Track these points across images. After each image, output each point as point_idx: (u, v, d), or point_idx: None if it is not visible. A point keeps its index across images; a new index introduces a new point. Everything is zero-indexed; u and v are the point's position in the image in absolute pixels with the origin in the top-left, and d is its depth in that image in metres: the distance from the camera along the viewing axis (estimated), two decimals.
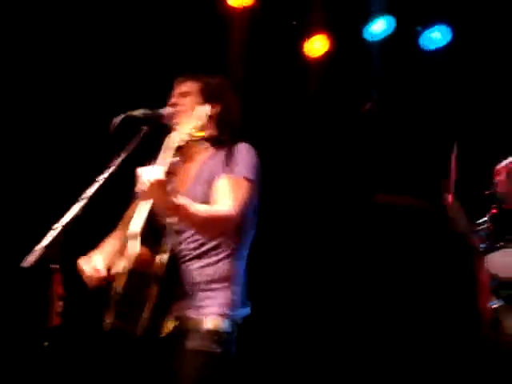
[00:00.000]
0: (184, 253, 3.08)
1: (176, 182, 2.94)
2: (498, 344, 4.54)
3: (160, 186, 2.77)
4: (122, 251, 3.03)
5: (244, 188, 3.07)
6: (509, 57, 6.09)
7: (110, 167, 2.98)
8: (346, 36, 6.42)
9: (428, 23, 6.26)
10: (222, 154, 3.18)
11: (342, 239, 6.46)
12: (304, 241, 6.53)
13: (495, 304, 4.77)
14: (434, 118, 6.30)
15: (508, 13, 5.97)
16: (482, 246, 4.98)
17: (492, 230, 5.00)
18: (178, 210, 2.87)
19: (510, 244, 4.85)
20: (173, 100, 3.34)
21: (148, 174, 2.78)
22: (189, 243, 3.11)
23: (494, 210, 5.08)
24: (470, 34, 6.22)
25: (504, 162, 5.15)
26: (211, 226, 3.02)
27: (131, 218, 3.03)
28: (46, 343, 2.65)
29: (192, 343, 2.95)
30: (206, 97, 3.29)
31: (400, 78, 6.41)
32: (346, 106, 6.48)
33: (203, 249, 3.10)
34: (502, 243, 4.94)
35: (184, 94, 3.33)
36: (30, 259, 2.61)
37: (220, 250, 3.11)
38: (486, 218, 5.10)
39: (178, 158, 2.88)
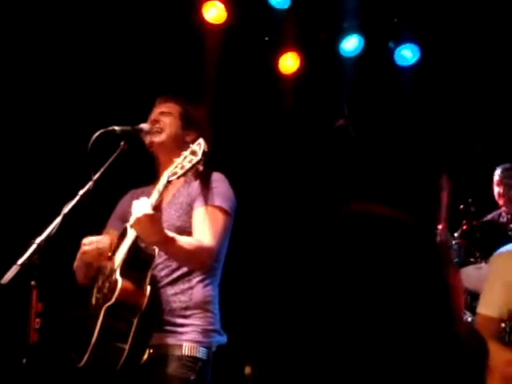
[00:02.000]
0: (157, 279, 3.09)
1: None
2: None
3: (148, 220, 2.79)
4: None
5: (221, 219, 3.13)
6: (477, 74, 6.20)
7: (87, 182, 3.00)
8: (318, 53, 6.48)
9: (399, 41, 6.33)
10: (196, 183, 3.21)
11: (314, 255, 6.46)
12: (277, 261, 6.54)
13: (468, 318, 4.83)
14: (405, 133, 6.37)
15: (475, 30, 6.06)
16: (455, 260, 5.05)
17: (464, 246, 5.07)
18: (166, 243, 2.92)
19: (481, 259, 4.92)
20: (153, 116, 3.37)
21: (137, 209, 2.81)
22: (161, 270, 3.12)
23: (465, 226, 5.15)
24: (437, 52, 6.31)
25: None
26: (193, 260, 3.07)
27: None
28: (24, 360, 2.64)
29: (167, 369, 2.97)
30: (185, 122, 3.36)
31: (371, 94, 6.48)
32: (318, 122, 6.52)
33: (175, 275, 3.12)
34: (472, 259, 5.01)
35: (165, 114, 3.38)
36: (7, 276, 2.61)
37: (192, 276, 3.14)
38: (457, 234, 5.16)
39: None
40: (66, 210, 2.88)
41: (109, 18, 5.69)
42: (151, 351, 2.99)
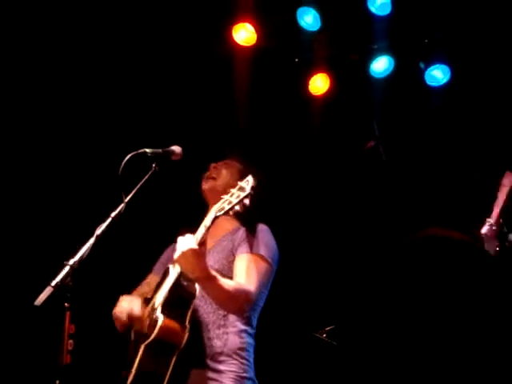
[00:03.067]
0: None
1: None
2: None
3: (192, 255, 2.83)
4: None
5: (262, 268, 3.18)
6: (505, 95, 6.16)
7: (119, 204, 3.02)
8: (348, 74, 6.48)
9: (429, 61, 6.32)
10: (242, 230, 3.29)
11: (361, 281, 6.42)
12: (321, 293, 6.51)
13: None
14: (437, 154, 6.35)
15: (506, 51, 6.03)
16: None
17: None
18: (208, 280, 2.95)
19: None
20: (214, 164, 3.48)
21: (182, 243, 2.86)
22: (201, 313, 3.15)
23: (497, 248, 5.08)
24: (468, 73, 6.29)
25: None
26: (231, 301, 3.08)
27: (148, 291, 3.18)
28: (58, 382, 2.65)
29: None
30: (242, 175, 3.31)
31: (401, 115, 6.47)
32: (349, 144, 6.52)
33: (212, 319, 3.16)
34: None
35: (224, 165, 3.50)
36: (41, 298, 2.63)
37: (228, 322, 3.17)
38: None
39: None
40: (98, 231, 2.90)
41: (141, 40, 5.75)
42: None
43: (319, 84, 6.54)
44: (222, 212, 2.82)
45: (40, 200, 5.46)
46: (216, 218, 2.85)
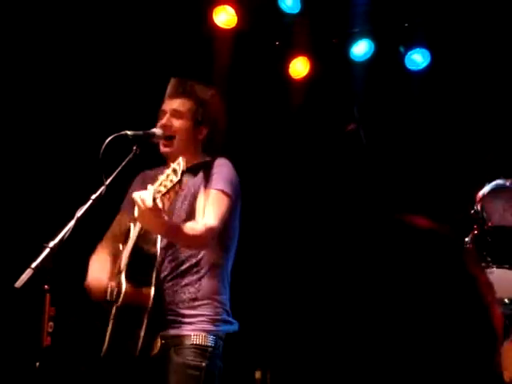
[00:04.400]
0: (166, 272, 3.19)
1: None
2: None
3: (150, 213, 2.85)
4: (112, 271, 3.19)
5: (222, 201, 3.19)
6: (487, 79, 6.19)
7: (100, 187, 3.01)
8: (329, 57, 6.48)
9: (409, 45, 6.33)
10: (200, 174, 3.31)
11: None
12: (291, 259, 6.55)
13: None
14: (416, 136, 6.38)
15: (486, 34, 6.05)
16: None
17: (474, 251, 5.03)
18: (170, 232, 3.02)
19: (491, 264, 4.88)
20: (165, 120, 3.37)
21: (139, 198, 2.86)
22: (170, 261, 3.20)
23: (476, 231, 5.11)
24: (448, 57, 6.31)
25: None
26: (198, 243, 3.15)
27: (119, 232, 3.26)
28: (38, 363, 2.65)
29: (179, 358, 3.10)
30: (196, 121, 3.39)
31: (381, 98, 6.49)
32: (329, 127, 6.53)
33: (184, 267, 3.21)
34: (483, 264, 4.98)
35: (176, 115, 3.39)
36: (21, 280, 2.63)
37: (201, 267, 3.22)
38: (467, 239, 5.13)
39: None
40: (79, 214, 2.89)
41: (118, 22, 5.71)
42: (163, 342, 3.11)
43: (299, 67, 6.54)
44: (160, 195, 2.84)
45: (20, 182, 5.42)
46: (154, 199, 2.86)
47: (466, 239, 5.13)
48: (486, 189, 5.17)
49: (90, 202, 2.96)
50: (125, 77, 5.80)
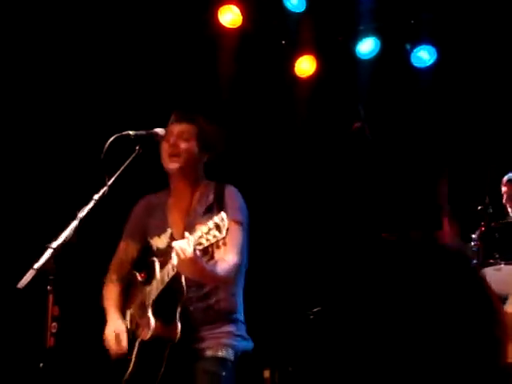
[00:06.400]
0: (190, 295, 3.31)
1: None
2: None
3: (191, 262, 2.99)
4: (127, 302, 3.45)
5: (238, 232, 3.33)
6: (493, 75, 6.16)
7: (102, 187, 3.01)
8: (335, 56, 6.47)
9: (415, 43, 6.31)
10: (210, 196, 3.43)
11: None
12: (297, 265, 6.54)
13: None
14: (422, 136, 6.35)
15: (491, 31, 6.03)
16: (473, 262, 5.01)
17: (481, 247, 5.02)
18: (205, 277, 3.21)
19: (499, 261, 4.87)
20: (173, 140, 3.41)
21: (179, 249, 2.98)
22: (190, 287, 3.29)
23: (483, 228, 5.10)
24: (454, 53, 6.29)
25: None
26: (226, 281, 3.33)
27: (126, 260, 3.49)
28: (41, 364, 2.65)
29: (202, 366, 3.29)
30: (201, 145, 3.47)
31: (387, 96, 6.47)
32: (335, 125, 6.51)
33: (204, 290, 3.36)
34: (491, 260, 4.96)
35: (183, 137, 3.45)
36: (24, 281, 2.63)
37: (220, 289, 3.38)
38: (475, 236, 5.12)
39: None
40: (81, 214, 2.89)
41: (124, 22, 5.71)
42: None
43: (305, 66, 6.54)
44: (201, 247, 2.97)
45: (23, 183, 5.43)
46: (195, 250, 2.97)
47: (473, 236, 5.12)
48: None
49: (93, 202, 2.96)
50: (129, 76, 5.80)
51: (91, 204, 2.93)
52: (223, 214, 2.95)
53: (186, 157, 3.40)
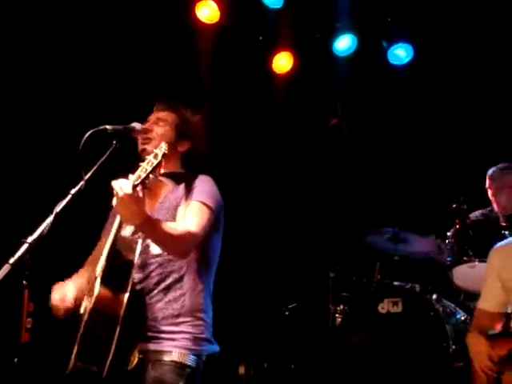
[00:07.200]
0: (149, 287, 3.12)
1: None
2: None
3: (129, 200, 2.81)
4: (89, 288, 3.10)
5: (203, 212, 3.14)
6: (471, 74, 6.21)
7: (79, 182, 2.99)
8: (312, 52, 6.50)
9: (392, 40, 6.35)
10: (181, 187, 3.25)
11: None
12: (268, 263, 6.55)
13: (462, 317, 4.85)
14: (398, 133, 6.40)
15: (468, 28, 6.07)
16: (448, 259, 5.05)
17: (456, 245, 5.06)
18: (149, 224, 2.93)
19: (473, 258, 4.91)
20: (147, 124, 3.36)
21: (117, 188, 2.83)
22: (153, 277, 3.14)
23: (457, 226, 5.13)
24: (431, 51, 6.33)
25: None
26: (177, 244, 3.07)
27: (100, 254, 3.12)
28: (16, 360, 2.63)
29: (155, 373, 3.00)
30: (179, 133, 3.36)
31: (364, 93, 6.50)
32: (312, 121, 6.54)
33: (167, 282, 3.14)
34: (466, 258, 5.00)
35: (159, 123, 3.38)
36: None
37: (184, 283, 3.16)
38: (449, 233, 5.15)
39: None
40: (57, 209, 2.87)
41: (101, 18, 5.68)
42: (141, 356, 3.03)
43: (283, 62, 6.56)
44: (139, 181, 2.81)
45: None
46: (135, 186, 2.82)
47: (448, 233, 5.15)
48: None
49: (69, 197, 2.93)
50: (106, 72, 5.78)
51: (68, 199, 2.91)
52: (162, 143, 2.80)
53: (159, 142, 3.19)
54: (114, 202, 2.87)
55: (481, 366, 3.54)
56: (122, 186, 2.81)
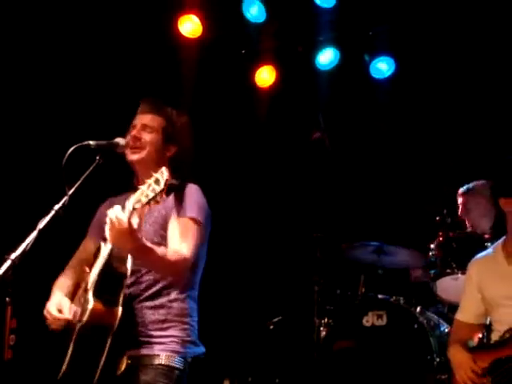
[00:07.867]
0: (136, 293, 3.15)
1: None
2: None
3: (123, 230, 2.81)
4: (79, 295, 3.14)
5: (194, 230, 3.17)
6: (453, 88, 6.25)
7: (63, 197, 2.98)
8: (294, 66, 6.52)
9: (374, 54, 6.39)
10: (170, 196, 3.24)
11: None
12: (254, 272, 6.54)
13: (445, 329, 4.86)
14: (380, 146, 6.43)
15: (449, 43, 6.12)
16: (431, 271, 5.07)
17: (439, 257, 5.08)
18: (142, 252, 2.96)
19: (458, 270, 4.93)
20: (135, 132, 3.34)
21: (113, 218, 2.81)
22: (142, 283, 3.17)
23: (441, 238, 5.16)
24: (413, 65, 6.37)
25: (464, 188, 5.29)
26: (169, 270, 3.12)
27: (85, 257, 3.18)
28: None
29: (145, 378, 3.06)
30: (166, 138, 3.36)
31: (347, 106, 6.53)
32: (295, 135, 6.56)
33: (154, 289, 3.18)
34: (449, 270, 5.02)
35: (147, 129, 3.36)
36: None
37: (171, 289, 3.20)
38: (433, 246, 5.17)
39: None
40: (41, 225, 2.86)
41: (84, 31, 5.68)
42: (129, 362, 3.06)
43: (265, 76, 6.58)
44: (139, 205, 2.81)
45: None
46: (134, 209, 2.82)
47: (432, 246, 5.17)
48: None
49: (53, 212, 2.92)
50: (88, 86, 5.76)
51: (51, 215, 2.90)
52: (163, 169, 2.80)
53: (149, 149, 3.29)
54: (107, 230, 2.86)
55: (463, 379, 3.56)
56: (118, 219, 2.81)
